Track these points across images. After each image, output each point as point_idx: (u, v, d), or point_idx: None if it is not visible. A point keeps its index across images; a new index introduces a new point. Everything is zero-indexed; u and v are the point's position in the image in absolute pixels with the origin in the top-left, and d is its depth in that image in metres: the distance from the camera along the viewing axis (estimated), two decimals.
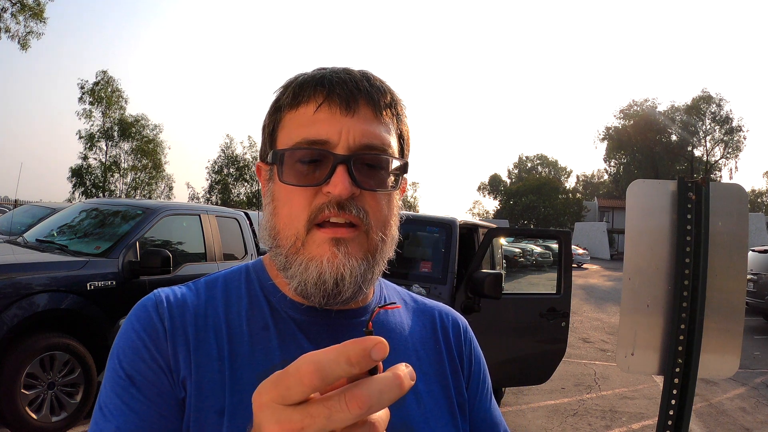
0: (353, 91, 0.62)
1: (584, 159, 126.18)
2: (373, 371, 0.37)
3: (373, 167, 0.62)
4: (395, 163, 0.64)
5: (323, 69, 0.65)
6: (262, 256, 0.74)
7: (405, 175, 0.68)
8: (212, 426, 0.58)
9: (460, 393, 0.71)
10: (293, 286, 0.62)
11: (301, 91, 0.63)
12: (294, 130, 0.62)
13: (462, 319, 0.79)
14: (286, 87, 0.65)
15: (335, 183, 0.59)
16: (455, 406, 0.70)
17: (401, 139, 0.67)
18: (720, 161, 45.96)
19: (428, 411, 0.66)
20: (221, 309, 0.65)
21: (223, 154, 33.49)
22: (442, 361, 0.72)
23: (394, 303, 0.48)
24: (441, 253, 3.96)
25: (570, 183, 68.94)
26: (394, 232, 0.66)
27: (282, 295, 0.67)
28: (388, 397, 0.34)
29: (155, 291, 0.66)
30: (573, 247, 13.76)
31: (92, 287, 3.98)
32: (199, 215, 5.25)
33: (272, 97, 0.67)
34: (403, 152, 0.68)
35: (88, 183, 27.37)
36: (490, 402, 0.77)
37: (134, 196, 27.60)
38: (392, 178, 0.64)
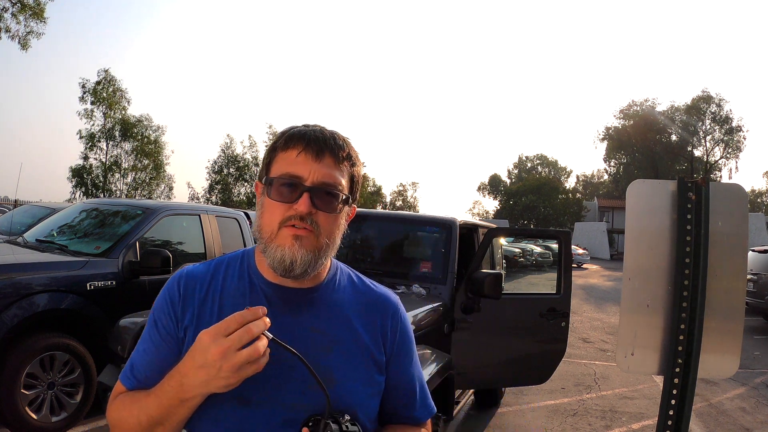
0: (322, 146, 0.96)
1: (584, 159, 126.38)
2: None
3: (327, 197, 0.96)
4: (342, 197, 0.98)
5: (307, 126, 1.00)
6: (255, 245, 1.06)
7: (354, 204, 1.04)
8: None
9: (379, 352, 1.03)
10: (268, 262, 0.96)
11: (290, 140, 0.98)
12: (282, 166, 0.97)
13: (394, 302, 1.10)
14: (282, 134, 1.00)
15: (300, 203, 0.94)
16: (371, 362, 1.02)
17: (352, 180, 1.02)
18: (720, 161, 45.91)
19: (347, 361, 0.98)
20: (220, 281, 1.02)
21: (223, 154, 33.48)
22: (369, 330, 1.03)
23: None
24: (441, 253, 3.95)
25: (570, 183, 68.88)
26: (337, 239, 1.00)
27: (259, 274, 1.02)
28: (243, 338, 0.81)
29: (184, 267, 1.06)
30: (573, 247, 13.75)
31: (92, 287, 3.99)
32: (199, 215, 5.25)
33: (272, 139, 1.02)
34: (352, 189, 1.02)
35: (88, 183, 27.33)
36: (411, 364, 1.09)
37: (134, 196, 27.56)
38: (340, 205, 0.98)
